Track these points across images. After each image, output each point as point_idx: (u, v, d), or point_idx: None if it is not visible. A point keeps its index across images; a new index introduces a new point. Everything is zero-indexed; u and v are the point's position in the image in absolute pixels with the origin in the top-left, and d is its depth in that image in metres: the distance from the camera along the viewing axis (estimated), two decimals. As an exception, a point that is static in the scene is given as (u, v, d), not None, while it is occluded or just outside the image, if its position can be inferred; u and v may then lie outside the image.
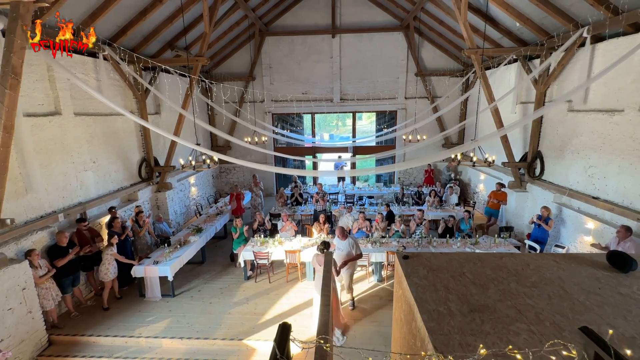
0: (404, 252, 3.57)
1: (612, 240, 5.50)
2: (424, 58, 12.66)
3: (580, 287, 2.89)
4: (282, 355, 1.18)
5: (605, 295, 2.76)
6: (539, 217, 7.14)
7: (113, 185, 7.90)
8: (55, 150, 6.30)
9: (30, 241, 5.54)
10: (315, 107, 13.13)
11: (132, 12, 7.17)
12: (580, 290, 2.85)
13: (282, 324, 1.42)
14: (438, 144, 12.91)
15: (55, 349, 5.34)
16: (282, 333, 1.32)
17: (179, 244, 7.28)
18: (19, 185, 5.52)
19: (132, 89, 8.39)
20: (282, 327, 1.38)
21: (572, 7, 6.43)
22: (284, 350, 1.20)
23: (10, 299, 4.79)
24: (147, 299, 6.50)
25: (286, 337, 1.30)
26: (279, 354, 1.18)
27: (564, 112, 7.47)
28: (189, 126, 9.45)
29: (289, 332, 1.35)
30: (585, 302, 2.66)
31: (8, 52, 3.87)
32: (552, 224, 7.08)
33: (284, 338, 1.28)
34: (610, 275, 3.09)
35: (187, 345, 5.32)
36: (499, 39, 9.11)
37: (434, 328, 2.38)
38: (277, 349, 1.20)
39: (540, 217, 7.12)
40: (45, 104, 6.20)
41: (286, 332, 1.34)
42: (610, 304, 2.63)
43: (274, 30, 12.59)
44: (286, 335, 1.31)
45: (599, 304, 2.64)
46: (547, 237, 7.21)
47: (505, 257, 3.49)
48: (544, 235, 7.16)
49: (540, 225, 7.10)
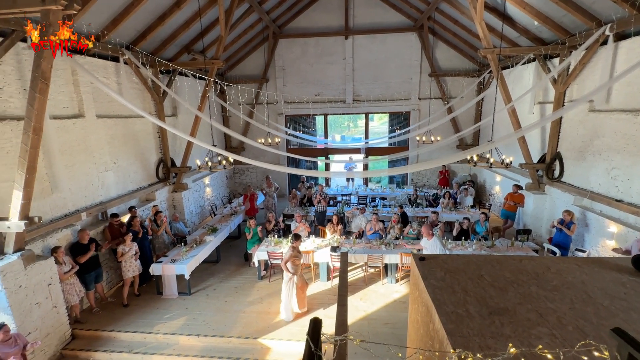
0: (420, 254, 3.56)
1: (634, 244, 5.32)
2: (438, 58, 12.53)
3: (604, 292, 2.82)
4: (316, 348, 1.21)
5: (631, 301, 2.68)
6: (561, 221, 6.93)
7: (132, 185, 8.13)
8: (79, 151, 6.54)
9: (56, 239, 5.77)
10: (328, 108, 13.17)
11: (151, 18, 7.38)
12: (605, 295, 2.78)
13: (313, 319, 1.46)
14: (452, 145, 12.74)
15: (78, 343, 5.54)
16: (314, 327, 1.35)
17: (195, 243, 7.43)
18: (45, 185, 5.76)
19: (150, 92, 8.62)
20: (314, 322, 1.42)
21: (594, 5, 6.26)
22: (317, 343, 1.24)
23: (37, 294, 5.00)
24: (164, 297, 6.67)
25: (318, 332, 1.33)
26: (313, 347, 1.22)
27: (584, 112, 7.27)
28: (204, 127, 9.66)
29: (321, 326, 1.38)
30: (610, 307, 2.60)
31: (38, 57, 4.06)
32: (574, 228, 6.83)
33: (316, 332, 1.31)
34: (636, 280, 3.00)
35: (204, 343, 5.43)
36: (516, 38, 8.94)
37: (453, 330, 2.37)
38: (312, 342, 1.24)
39: (562, 222, 6.91)
40: (70, 107, 6.45)
41: (318, 326, 1.38)
42: (637, 309, 2.56)
43: (287, 32, 12.71)
44: (318, 330, 1.34)
45: (624, 309, 2.57)
46: (569, 242, 6.98)
47: (524, 260, 3.43)
48: (567, 240, 6.94)
49: (562, 229, 6.89)
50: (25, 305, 4.80)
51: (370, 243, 7.39)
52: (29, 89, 4.19)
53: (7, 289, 4.53)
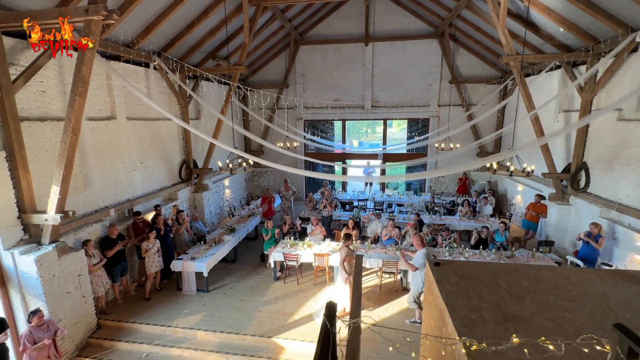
0: (435, 260, 3.57)
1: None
2: (458, 65, 12.42)
3: (627, 305, 2.74)
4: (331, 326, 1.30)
5: (655, 315, 2.60)
6: (588, 234, 6.67)
7: (157, 184, 8.50)
8: (110, 151, 6.94)
9: (87, 232, 6.14)
10: (347, 114, 13.29)
11: (180, 26, 7.78)
12: (627, 307, 2.70)
13: (329, 303, 1.56)
14: (472, 153, 12.52)
15: (103, 332, 5.84)
16: (329, 310, 1.45)
17: (214, 242, 7.67)
18: (79, 181, 6.16)
19: (176, 96, 9.03)
20: (329, 305, 1.51)
21: (622, 11, 6.09)
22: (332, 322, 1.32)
23: (68, 284, 5.33)
24: (183, 293, 6.91)
25: (333, 314, 1.42)
26: (328, 324, 1.30)
27: (613, 121, 7.02)
28: (225, 131, 9.98)
29: (335, 309, 1.47)
30: (632, 320, 2.53)
31: (80, 63, 4.40)
32: (602, 242, 6.54)
33: (331, 314, 1.40)
34: (661, 294, 2.90)
35: (220, 339, 5.59)
36: (541, 45, 8.76)
37: (466, 334, 2.38)
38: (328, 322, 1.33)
39: (589, 235, 6.65)
40: (103, 109, 6.88)
41: (333, 309, 1.47)
42: (661, 323, 2.48)
43: (308, 39, 12.98)
44: (333, 312, 1.43)
45: (647, 323, 2.50)
46: (596, 256, 6.69)
47: (543, 270, 3.38)
48: (594, 254, 6.66)
49: (589, 242, 6.63)
50: (57, 294, 5.13)
51: (386, 249, 7.38)
52: (70, 92, 4.54)
53: (42, 277, 4.87)
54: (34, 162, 5.22)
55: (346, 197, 12.05)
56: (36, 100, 5.42)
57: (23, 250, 4.85)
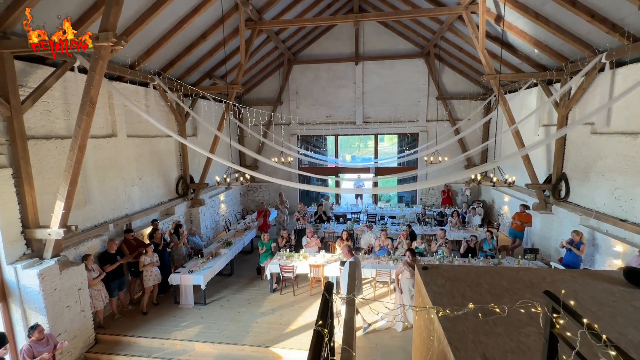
0: (423, 264, 3.84)
1: (633, 259, 5.44)
2: (444, 82, 13.07)
3: (594, 300, 3.04)
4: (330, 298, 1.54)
5: (618, 307, 2.90)
6: (570, 241, 7.03)
7: (154, 200, 8.67)
8: (110, 167, 7.15)
9: (86, 247, 6.26)
10: (339, 129, 13.74)
11: (180, 48, 8.18)
12: (594, 302, 3.00)
13: (326, 283, 1.80)
14: (460, 165, 13.01)
15: (100, 346, 5.88)
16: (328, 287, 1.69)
17: (211, 255, 7.81)
18: (80, 197, 6.32)
19: (174, 114, 9.34)
20: (327, 284, 1.76)
21: (589, 35, 6.69)
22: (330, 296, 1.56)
23: (68, 297, 5.42)
24: (181, 306, 6.99)
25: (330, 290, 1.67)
26: (327, 296, 1.55)
27: (587, 134, 7.54)
28: (221, 147, 10.27)
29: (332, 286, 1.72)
30: (597, 312, 2.82)
31: (88, 85, 4.69)
32: (584, 248, 6.88)
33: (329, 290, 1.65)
34: (626, 290, 3.21)
35: (218, 350, 5.68)
36: (519, 64, 9.40)
37: (450, 328, 2.64)
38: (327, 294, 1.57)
39: (571, 242, 7.01)
40: (105, 127, 7.13)
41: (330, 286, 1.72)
42: (623, 315, 2.77)
43: (301, 59, 13.55)
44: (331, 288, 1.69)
45: (611, 314, 2.79)
46: (579, 262, 7.03)
47: (521, 271, 3.67)
48: (576, 260, 6.99)
49: (571, 249, 6.98)
50: (58, 308, 5.21)
51: (379, 259, 7.62)
52: (79, 112, 4.80)
53: (44, 291, 4.97)
54: (38, 178, 5.40)
55: (340, 210, 12.32)
56: (42, 119, 5.66)
57: (26, 265, 4.97)
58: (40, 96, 5.26)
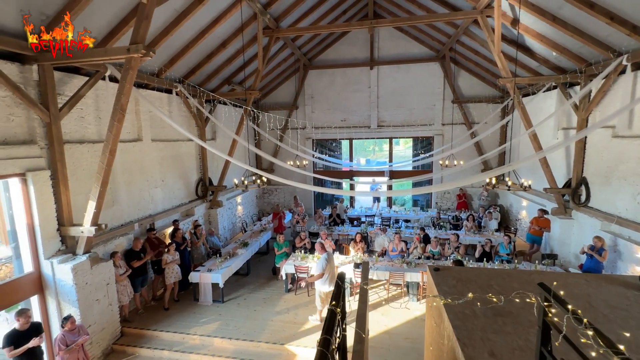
0: (435, 265, 3.93)
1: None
2: (460, 86, 12.99)
3: (607, 303, 3.05)
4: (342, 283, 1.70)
5: (631, 311, 2.90)
6: (591, 247, 6.86)
7: (175, 201, 9.07)
8: (136, 170, 7.56)
9: (114, 245, 6.65)
10: (353, 133, 13.88)
11: (201, 56, 8.57)
12: (607, 305, 3.01)
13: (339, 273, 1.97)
14: (477, 169, 12.86)
15: (126, 339, 6.22)
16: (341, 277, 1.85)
17: (229, 255, 8.09)
18: (109, 198, 6.73)
19: (195, 119, 9.75)
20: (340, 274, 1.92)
21: (609, 37, 6.58)
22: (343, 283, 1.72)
23: (98, 292, 5.79)
24: (200, 303, 7.28)
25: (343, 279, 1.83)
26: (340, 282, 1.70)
27: (608, 137, 7.36)
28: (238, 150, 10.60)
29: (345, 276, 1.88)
30: (609, 315, 2.84)
31: (119, 93, 5.05)
32: (606, 255, 6.70)
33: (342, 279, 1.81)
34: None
35: (235, 346, 5.91)
36: (537, 67, 9.27)
37: (459, 326, 2.73)
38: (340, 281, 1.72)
39: (592, 248, 6.84)
40: (131, 132, 7.56)
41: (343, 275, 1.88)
42: (636, 318, 2.78)
43: (316, 64, 13.80)
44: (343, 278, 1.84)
45: (623, 317, 2.80)
46: (601, 269, 6.82)
47: (534, 274, 3.69)
48: (598, 267, 6.79)
49: (592, 256, 6.82)
50: (88, 300, 5.58)
51: (393, 261, 7.68)
52: (110, 119, 5.17)
53: (77, 285, 5.35)
54: (72, 180, 5.82)
55: (354, 213, 12.42)
56: (76, 125, 6.10)
57: (61, 260, 5.36)
58: (76, 103, 5.69)
